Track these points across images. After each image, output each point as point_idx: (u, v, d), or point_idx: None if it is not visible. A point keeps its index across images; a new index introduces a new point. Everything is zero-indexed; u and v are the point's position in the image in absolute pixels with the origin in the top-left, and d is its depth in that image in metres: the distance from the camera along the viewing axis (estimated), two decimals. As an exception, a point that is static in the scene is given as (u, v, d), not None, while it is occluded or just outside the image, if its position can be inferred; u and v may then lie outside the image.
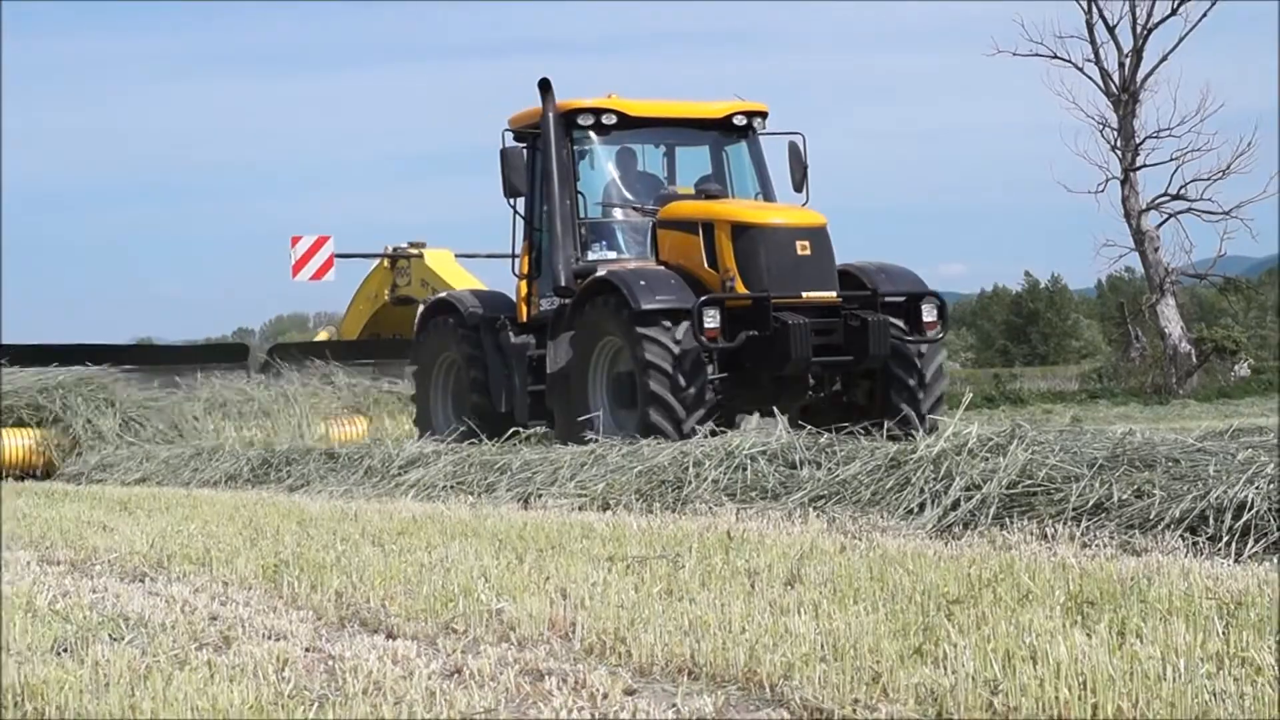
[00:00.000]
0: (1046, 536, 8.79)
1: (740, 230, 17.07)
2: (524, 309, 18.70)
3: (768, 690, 5.30)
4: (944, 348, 18.41)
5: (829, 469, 11.27)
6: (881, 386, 17.39)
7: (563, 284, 17.54)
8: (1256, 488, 8.38)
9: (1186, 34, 47.53)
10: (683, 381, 16.23)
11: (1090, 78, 48.34)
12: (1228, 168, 47.39)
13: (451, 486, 14.09)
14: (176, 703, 5.16)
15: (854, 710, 4.91)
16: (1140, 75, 47.85)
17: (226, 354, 25.78)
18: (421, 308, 21.00)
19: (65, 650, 6.40)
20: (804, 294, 16.92)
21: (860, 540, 9.00)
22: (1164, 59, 47.71)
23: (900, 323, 17.17)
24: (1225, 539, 8.10)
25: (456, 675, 5.72)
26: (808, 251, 17.05)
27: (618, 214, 18.35)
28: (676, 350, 16.28)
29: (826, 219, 17.52)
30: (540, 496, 12.76)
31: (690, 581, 7.50)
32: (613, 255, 17.96)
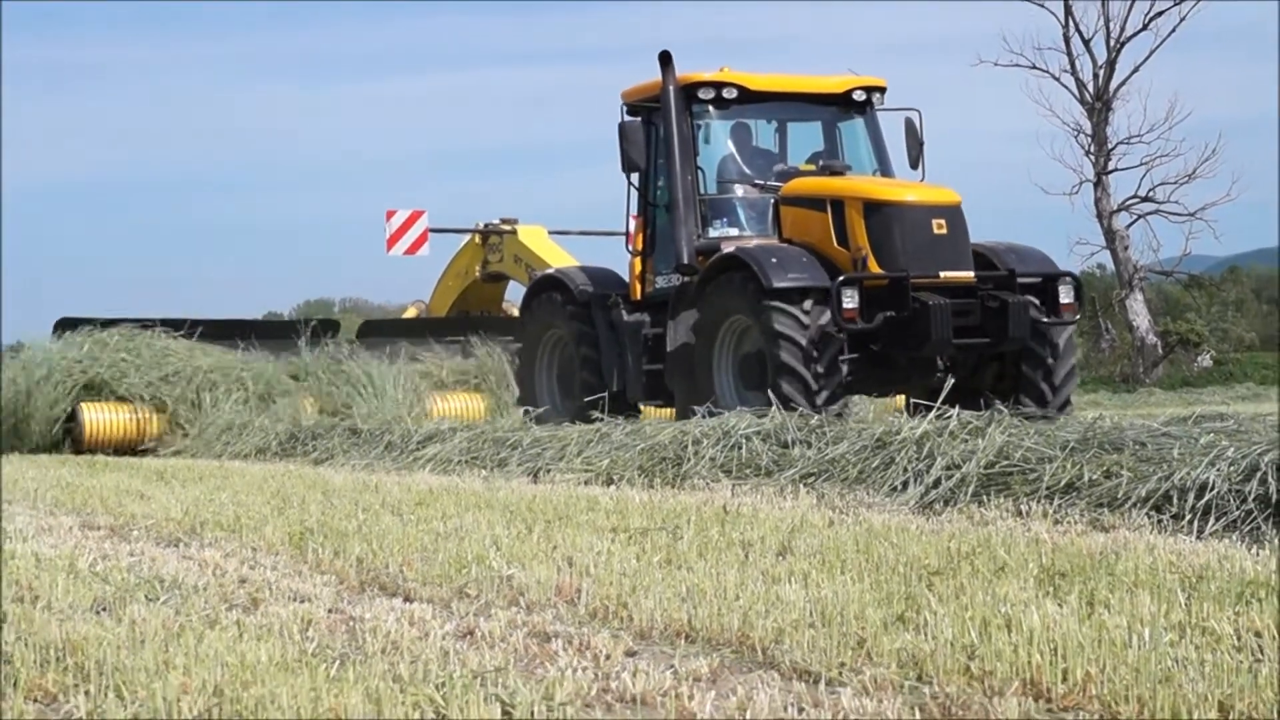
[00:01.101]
0: (1021, 513, 8.78)
1: (873, 208, 15.75)
2: (638, 286, 17.49)
3: (760, 653, 5.29)
4: (1076, 334, 16.92)
5: (819, 448, 11.26)
6: (1013, 371, 16.14)
7: (685, 261, 16.23)
8: (1217, 470, 8.37)
9: (1156, 47, 47.59)
10: (813, 379, 14.95)
11: (1066, 87, 48.38)
12: (1193, 172, 47.47)
13: (466, 461, 14.09)
14: (207, 659, 5.15)
15: (840, 673, 4.90)
16: (1113, 85, 47.88)
17: (320, 330, 23.25)
18: (528, 284, 19.63)
19: (104, 609, 6.40)
20: (941, 274, 15.59)
21: (847, 515, 8.99)
22: (1135, 70, 47.78)
23: (1037, 303, 15.81)
24: (1188, 517, 8.09)
25: (469, 636, 5.71)
26: (944, 230, 15.77)
27: (738, 190, 17.01)
28: (808, 329, 15.01)
29: (961, 196, 16.16)
30: (549, 471, 12.75)
31: (688, 552, 7.49)
32: (734, 232, 16.69)
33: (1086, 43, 48.01)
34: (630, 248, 17.75)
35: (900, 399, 18.39)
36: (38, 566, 7.67)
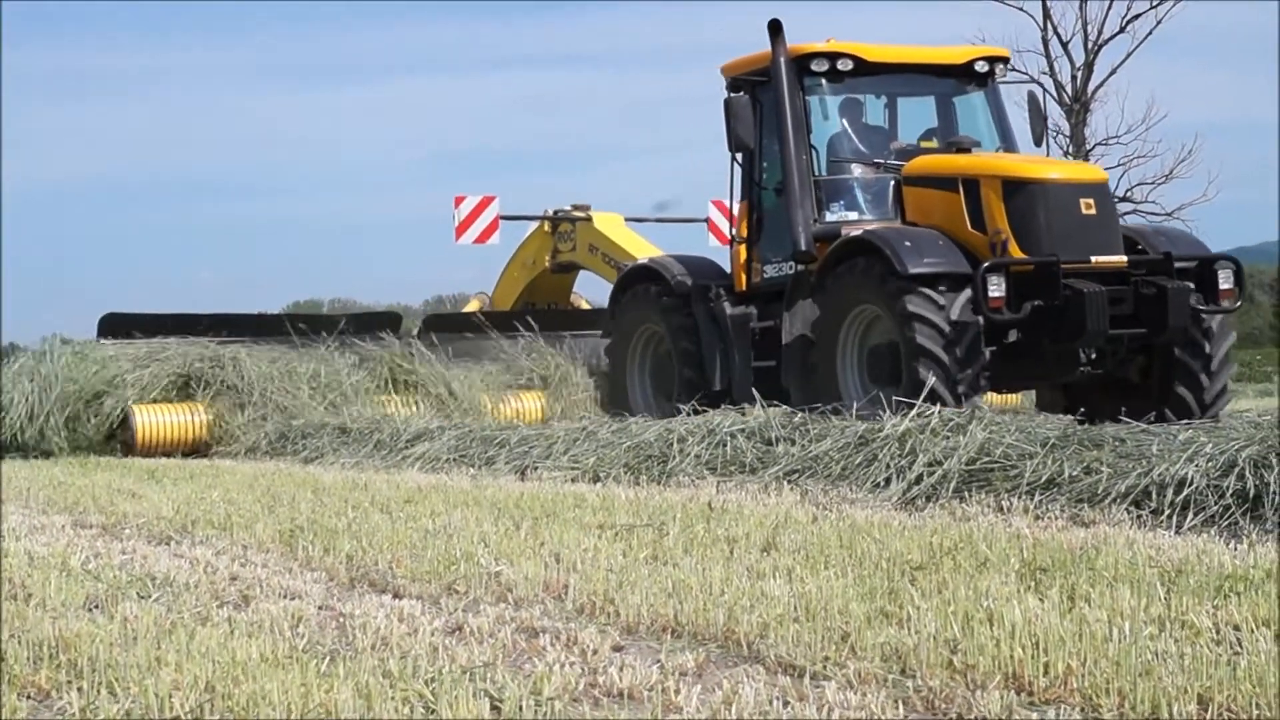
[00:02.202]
0: (1003, 509, 8.79)
1: (1014, 187, 14.28)
2: (743, 276, 16.06)
3: (745, 648, 5.29)
4: (1235, 324, 15.28)
5: (803, 445, 11.25)
6: (1161, 364, 14.66)
7: (803, 248, 14.75)
8: (1196, 465, 8.38)
9: (1134, 50, 47.58)
10: (956, 367, 13.61)
11: (1045, 88, 48.34)
12: (1170, 173, 47.44)
13: (454, 459, 14.05)
14: (198, 656, 5.15)
15: (824, 667, 4.90)
16: (1091, 87, 47.88)
17: (378, 323, 21.30)
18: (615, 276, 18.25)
19: (96, 607, 6.39)
20: (1092, 259, 14.11)
21: (831, 511, 9.00)
22: (1113, 72, 47.74)
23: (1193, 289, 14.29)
24: (1167, 512, 8.10)
25: (457, 632, 5.71)
26: (1093, 210, 14.28)
27: (854, 170, 15.47)
28: (949, 320, 13.67)
29: (1107, 174, 14.70)
30: (536, 469, 12.74)
31: (674, 548, 7.49)
32: (852, 215, 15.20)
33: (1065, 45, 48.01)
34: (734, 234, 16.32)
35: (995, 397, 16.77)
36: (30, 565, 7.65)
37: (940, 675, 4.69)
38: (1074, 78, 48.00)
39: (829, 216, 15.16)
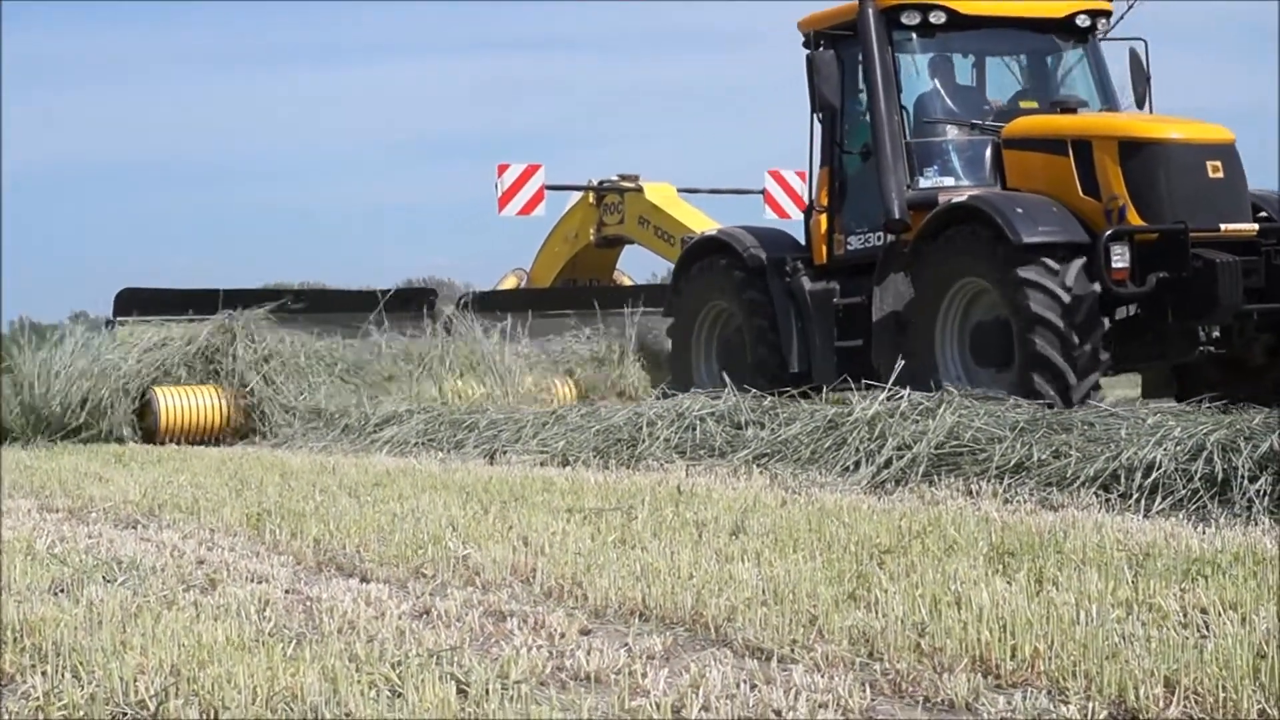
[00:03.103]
0: (971, 493, 8.80)
1: (1132, 149, 13.13)
2: (823, 248, 14.78)
3: (713, 631, 5.29)
4: None
5: (772, 429, 11.26)
6: None
7: (896, 216, 13.51)
8: (1164, 449, 8.40)
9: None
10: (1075, 338, 12.47)
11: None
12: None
13: (423, 443, 14.02)
14: (164, 639, 5.13)
15: (792, 650, 4.90)
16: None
17: (410, 301, 19.91)
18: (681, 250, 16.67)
19: (62, 590, 6.36)
20: (1221, 226, 12.92)
21: (800, 495, 9.00)
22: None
23: None
24: (1135, 496, 8.12)
25: (425, 616, 5.70)
26: (1220, 174, 13.10)
27: (950, 132, 14.30)
28: (1067, 297, 12.48)
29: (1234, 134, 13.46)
30: (505, 453, 12.72)
31: (642, 532, 7.49)
32: (948, 181, 13.98)
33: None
34: (814, 203, 14.99)
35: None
36: (-4, 548, 7.62)
37: (908, 658, 4.70)
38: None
39: (922, 182, 13.96)
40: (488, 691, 4.41)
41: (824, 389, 13.06)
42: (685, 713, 4.23)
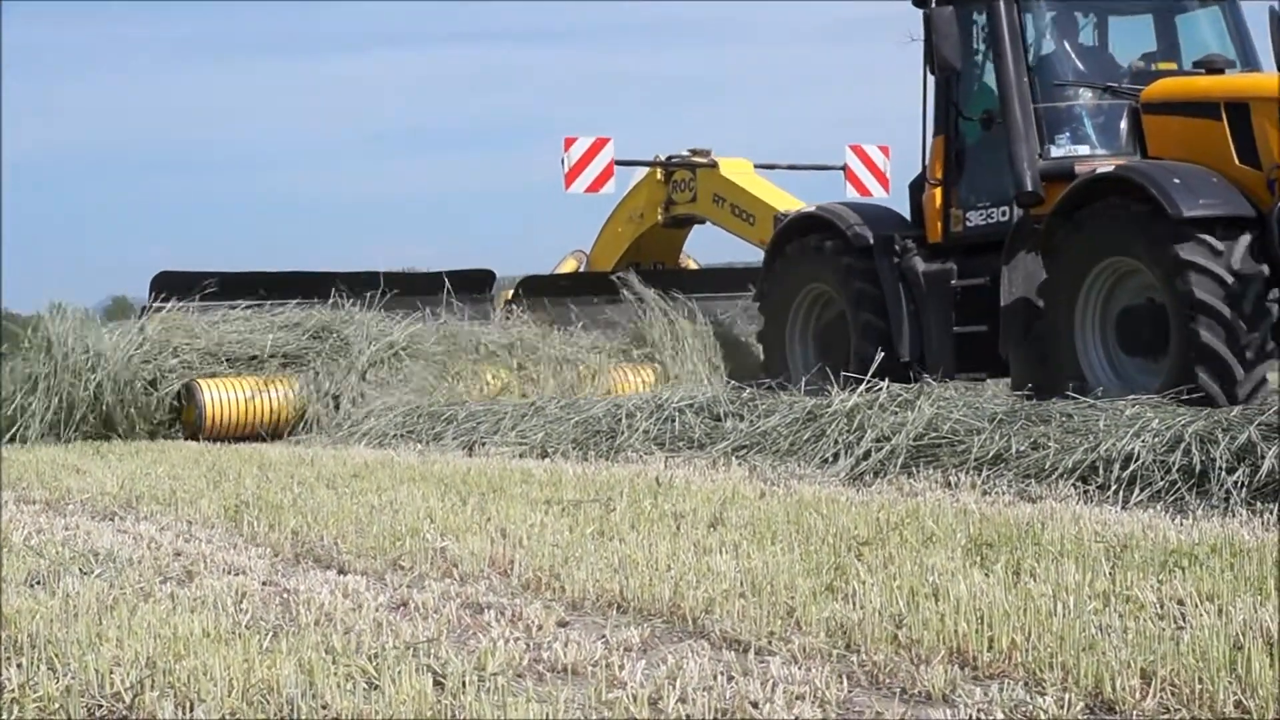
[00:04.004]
0: (950, 484, 8.81)
1: None
2: (938, 225, 13.64)
3: (690, 623, 5.29)
4: None
5: (751, 421, 11.26)
6: None
7: (1029, 188, 12.36)
8: (1142, 441, 8.42)
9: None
10: (1242, 326, 11.22)
11: None
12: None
13: (402, 435, 14.00)
14: (140, 631, 5.12)
15: (769, 642, 4.91)
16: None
17: (470, 283, 18.56)
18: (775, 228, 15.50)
19: (38, 583, 6.35)
20: None
21: (779, 487, 9.01)
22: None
23: None
24: (1113, 487, 8.14)
25: (403, 608, 5.70)
26: None
27: (1084, 96, 13.06)
28: (1232, 279, 11.25)
29: None
30: (484, 445, 12.71)
31: (621, 523, 7.49)
32: (1083, 150, 12.81)
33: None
34: (927, 175, 13.77)
35: None
36: (-28, 540, 7.60)
37: (885, 650, 4.71)
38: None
39: (1054, 151, 12.78)
40: (464, 683, 4.41)
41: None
42: (662, 704, 4.24)
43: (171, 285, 16.98)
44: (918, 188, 14.04)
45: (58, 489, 10.38)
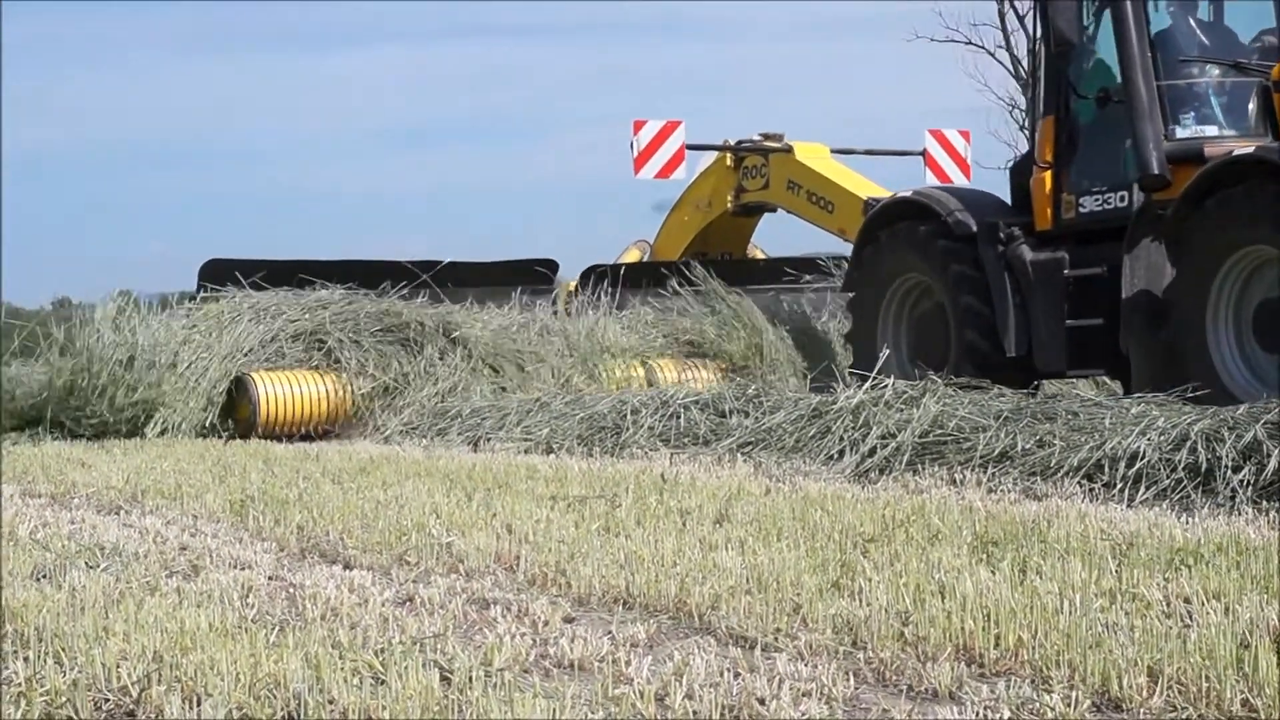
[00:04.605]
0: (955, 482, 8.81)
1: None
2: (1047, 211, 12.79)
3: (696, 619, 5.29)
4: None
5: (756, 418, 11.26)
6: None
7: (1155, 171, 11.54)
8: (1148, 439, 8.42)
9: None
10: None
11: (1001, 63, 48.49)
12: (1126, 146, 47.54)
13: (407, 431, 13.99)
14: (147, 625, 5.12)
15: (776, 638, 4.90)
16: (1048, 60, 47.96)
17: (532, 274, 17.68)
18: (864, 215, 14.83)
19: (44, 576, 6.34)
20: None
21: (784, 483, 9.00)
22: (1070, 46, 47.84)
23: None
24: (1119, 485, 8.13)
25: (408, 603, 5.69)
26: None
27: (1212, 73, 12.28)
28: None
29: None
30: (489, 440, 12.71)
31: (626, 519, 7.48)
32: (1210, 131, 12.03)
33: (1021, 19, 48.17)
34: (1035, 158, 13.00)
35: None
36: (-23, 534, 7.60)
37: (891, 647, 4.70)
38: (1030, 52, 48.12)
39: (1179, 132, 12.01)
40: (471, 679, 4.41)
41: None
42: (669, 701, 4.23)
43: (219, 274, 16.02)
44: (1021, 171, 13.28)
45: (63, 483, 10.38)
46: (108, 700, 4.41)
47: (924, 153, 18.91)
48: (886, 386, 10.68)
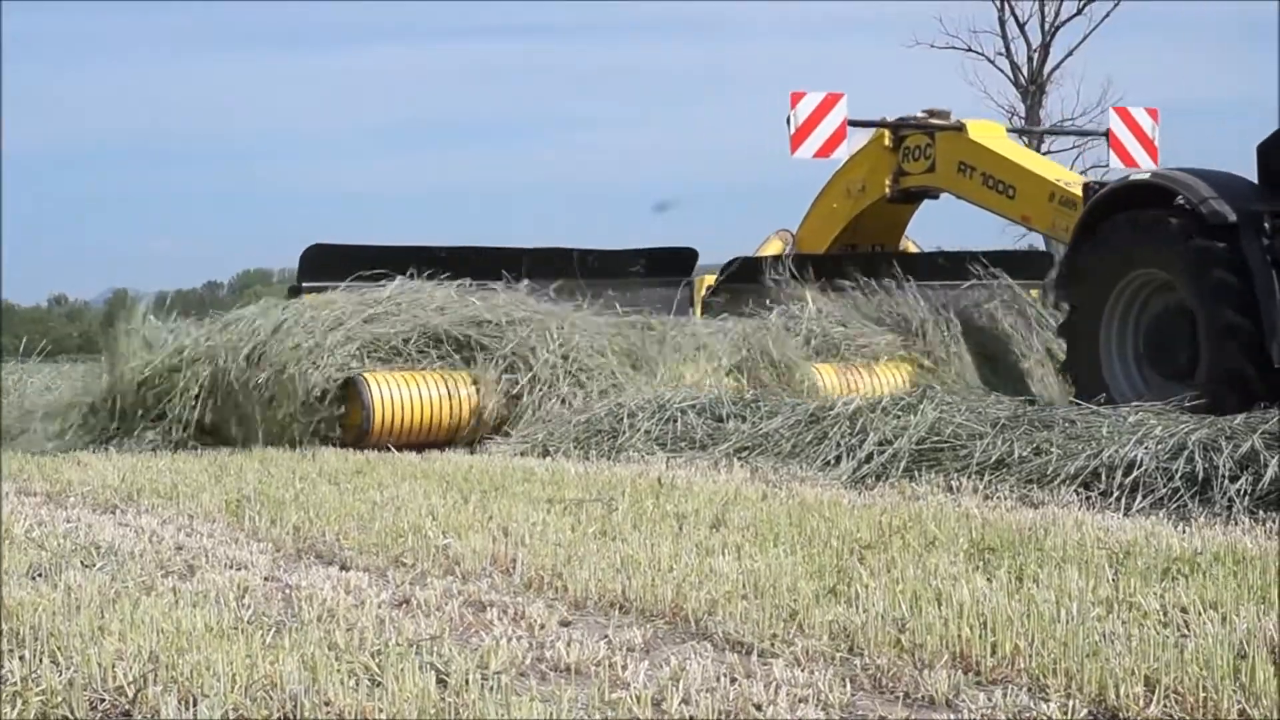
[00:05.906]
0: (952, 489, 8.81)
1: None
2: None
3: (693, 624, 5.29)
4: None
5: (753, 423, 11.26)
6: None
7: None
8: (1145, 448, 8.42)
9: (1090, 32, 47.76)
10: None
11: (1001, 70, 48.55)
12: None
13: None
14: (143, 625, 5.12)
15: (772, 644, 4.90)
16: (1047, 69, 48.08)
17: (671, 264, 15.88)
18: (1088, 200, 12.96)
19: (40, 575, 6.34)
20: None
21: (781, 489, 9.00)
22: (1069, 54, 47.94)
23: None
24: (1116, 494, 8.14)
25: (405, 605, 5.69)
26: None
27: None
28: None
29: None
30: (485, 442, 12.70)
31: (623, 523, 7.48)
32: None
33: (1021, 26, 48.23)
34: None
35: None
36: (-27, 532, 7.60)
37: (888, 654, 4.70)
38: (1030, 59, 48.20)
39: None
40: (467, 681, 4.41)
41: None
42: (665, 705, 4.23)
43: (324, 261, 14.36)
44: (1274, 150, 11.43)
45: (59, 481, 10.37)
46: (103, 700, 4.40)
47: (1108, 133, 17.26)
48: (884, 392, 10.65)
